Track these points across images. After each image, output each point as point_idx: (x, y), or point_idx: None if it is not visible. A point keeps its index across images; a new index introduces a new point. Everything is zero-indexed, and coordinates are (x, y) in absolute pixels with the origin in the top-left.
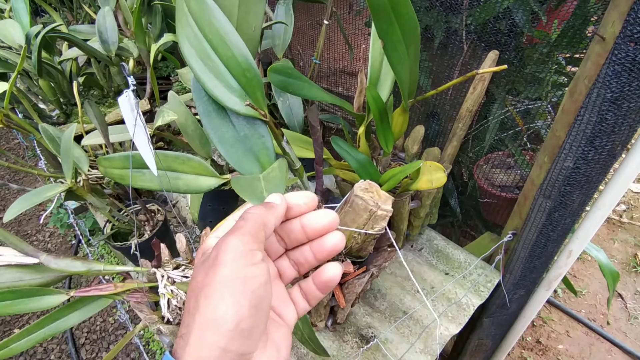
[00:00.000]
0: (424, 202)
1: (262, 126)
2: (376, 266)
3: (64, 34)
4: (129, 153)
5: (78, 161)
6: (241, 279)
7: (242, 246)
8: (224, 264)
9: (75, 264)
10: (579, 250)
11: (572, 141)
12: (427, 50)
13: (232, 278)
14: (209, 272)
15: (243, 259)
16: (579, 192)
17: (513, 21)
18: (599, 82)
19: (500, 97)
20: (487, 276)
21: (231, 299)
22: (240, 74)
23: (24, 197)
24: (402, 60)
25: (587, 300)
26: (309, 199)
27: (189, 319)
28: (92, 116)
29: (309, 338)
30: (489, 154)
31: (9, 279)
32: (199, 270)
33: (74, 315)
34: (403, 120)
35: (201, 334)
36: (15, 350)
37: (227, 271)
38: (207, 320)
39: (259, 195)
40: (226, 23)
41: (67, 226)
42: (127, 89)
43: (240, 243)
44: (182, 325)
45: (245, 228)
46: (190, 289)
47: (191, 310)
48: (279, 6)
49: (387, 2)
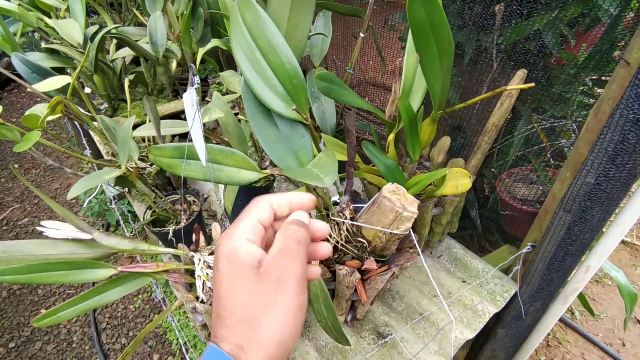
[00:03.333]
0: (446, 209)
1: (302, 128)
2: (398, 265)
3: (119, 35)
4: (181, 144)
5: (131, 150)
6: (300, 307)
7: (302, 275)
8: (288, 291)
9: (123, 242)
10: (596, 266)
11: (594, 158)
12: (457, 66)
13: (295, 305)
14: (273, 290)
15: (300, 286)
16: (599, 207)
17: (542, 42)
18: (622, 104)
19: (526, 114)
20: (503, 286)
21: (292, 324)
22: (287, 80)
23: (86, 178)
24: (436, 74)
25: (604, 324)
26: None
27: (246, 329)
28: (147, 110)
29: (333, 326)
30: (512, 169)
31: (65, 252)
32: (249, 274)
33: (116, 290)
34: (431, 130)
35: (261, 352)
36: (62, 317)
37: (291, 298)
38: (268, 340)
39: (316, 177)
40: (277, 34)
41: (96, 215)
42: (192, 86)
43: (301, 272)
44: (225, 322)
45: (302, 254)
46: (237, 282)
47: (248, 317)
48: (318, 18)
49: (427, 22)
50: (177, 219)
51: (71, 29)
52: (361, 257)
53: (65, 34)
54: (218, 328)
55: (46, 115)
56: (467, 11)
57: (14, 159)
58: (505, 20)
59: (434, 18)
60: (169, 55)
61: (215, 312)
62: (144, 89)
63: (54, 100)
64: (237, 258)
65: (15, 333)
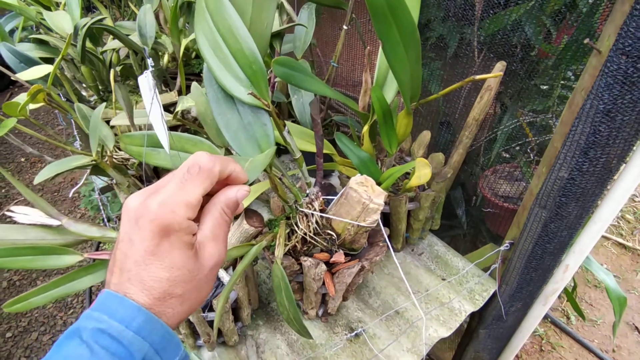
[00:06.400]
0: (422, 203)
1: (265, 115)
2: (368, 259)
3: (107, 27)
4: (151, 132)
5: (105, 139)
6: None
7: (225, 255)
8: (214, 271)
9: (91, 229)
10: (575, 265)
11: (566, 151)
12: (441, 59)
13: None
14: (202, 270)
15: (220, 264)
16: (575, 204)
17: (524, 34)
18: (592, 94)
19: (512, 109)
20: (483, 285)
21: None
22: (246, 65)
23: (54, 163)
24: (401, 61)
25: (601, 330)
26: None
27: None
28: (120, 97)
29: (294, 318)
30: (497, 166)
31: (33, 237)
32: (187, 254)
33: (88, 278)
34: (407, 122)
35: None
36: (33, 304)
37: (212, 277)
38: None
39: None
40: (237, 19)
41: (96, 209)
42: (147, 70)
43: (225, 253)
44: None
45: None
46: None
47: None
48: (302, 10)
49: (385, 5)
50: None
51: (62, 20)
52: (330, 250)
53: (55, 26)
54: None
55: (26, 103)
56: (449, 2)
57: (20, 153)
58: (484, 11)
59: (392, 2)
60: (158, 48)
61: (119, 269)
62: (134, 82)
63: (33, 88)
64: (177, 235)
65: (12, 323)
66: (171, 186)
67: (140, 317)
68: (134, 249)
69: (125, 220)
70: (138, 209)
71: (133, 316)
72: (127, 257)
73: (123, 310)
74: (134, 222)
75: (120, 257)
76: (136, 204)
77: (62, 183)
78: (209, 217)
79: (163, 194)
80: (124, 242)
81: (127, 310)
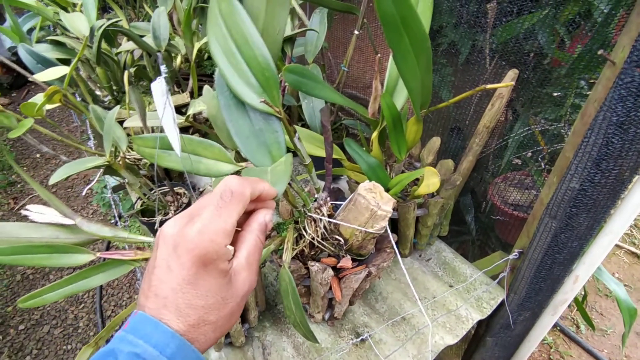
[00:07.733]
0: (430, 210)
1: (276, 122)
2: (375, 265)
3: (122, 29)
4: (163, 134)
5: (119, 140)
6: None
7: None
8: (244, 298)
9: (104, 229)
10: (585, 276)
11: (578, 162)
12: (452, 66)
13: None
14: (234, 295)
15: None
16: (585, 215)
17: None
18: (606, 106)
19: (524, 116)
20: (491, 293)
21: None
22: (259, 72)
23: (69, 164)
24: (412, 70)
25: (611, 340)
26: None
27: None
28: (133, 100)
29: (300, 322)
30: (508, 173)
31: (48, 236)
32: (221, 282)
33: (99, 276)
34: (417, 129)
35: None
36: (46, 300)
37: (242, 301)
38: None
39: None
40: (250, 25)
41: (108, 205)
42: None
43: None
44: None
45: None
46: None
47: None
48: (314, 15)
49: (397, 15)
50: (166, 210)
51: (78, 21)
52: (338, 255)
53: (72, 27)
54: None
55: (43, 103)
56: (462, 9)
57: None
58: (497, 18)
59: (403, 12)
60: (171, 50)
61: (154, 294)
62: (147, 83)
63: (50, 89)
64: (214, 263)
65: (25, 316)
66: (207, 214)
67: (174, 343)
68: (172, 276)
69: (163, 246)
70: (176, 236)
71: (167, 342)
72: (163, 283)
73: (157, 335)
74: (172, 250)
75: (156, 282)
76: (174, 232)
77: (76, 179)
78: (245, 245)
79: (200, 222)
80: (161, 268)
81: (161, 335)
